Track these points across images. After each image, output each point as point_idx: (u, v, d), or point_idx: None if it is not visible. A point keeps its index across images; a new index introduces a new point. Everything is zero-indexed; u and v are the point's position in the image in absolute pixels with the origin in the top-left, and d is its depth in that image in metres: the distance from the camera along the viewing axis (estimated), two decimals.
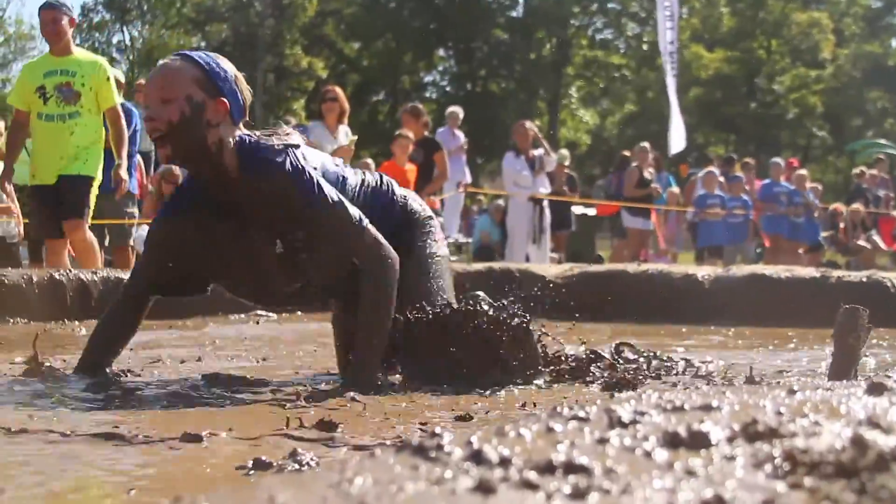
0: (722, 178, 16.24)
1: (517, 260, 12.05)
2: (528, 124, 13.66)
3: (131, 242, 9.70)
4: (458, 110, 15.94)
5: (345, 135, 10.91)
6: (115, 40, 48.57)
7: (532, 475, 1.24)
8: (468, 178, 15.90)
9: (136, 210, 9.74)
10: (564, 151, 17.19)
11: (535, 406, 3.19)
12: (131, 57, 47.72)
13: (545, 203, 13.35)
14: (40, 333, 4.13)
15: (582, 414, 1.56)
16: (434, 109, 45.65)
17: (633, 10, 46.58)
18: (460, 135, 15.58)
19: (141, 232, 10.21)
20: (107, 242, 9.60)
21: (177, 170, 11.53)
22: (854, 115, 47.62)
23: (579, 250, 16.72)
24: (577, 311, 7.86)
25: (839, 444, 1.36)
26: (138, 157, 10.29)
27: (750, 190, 16.95)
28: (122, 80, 10.02)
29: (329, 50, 46.06)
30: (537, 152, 13.23)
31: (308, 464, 2.11)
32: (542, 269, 8.64)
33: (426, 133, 12.60)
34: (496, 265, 9.09)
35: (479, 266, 9.05)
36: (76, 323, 6.45)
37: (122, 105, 9.73)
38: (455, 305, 3.71)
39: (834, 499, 1.20)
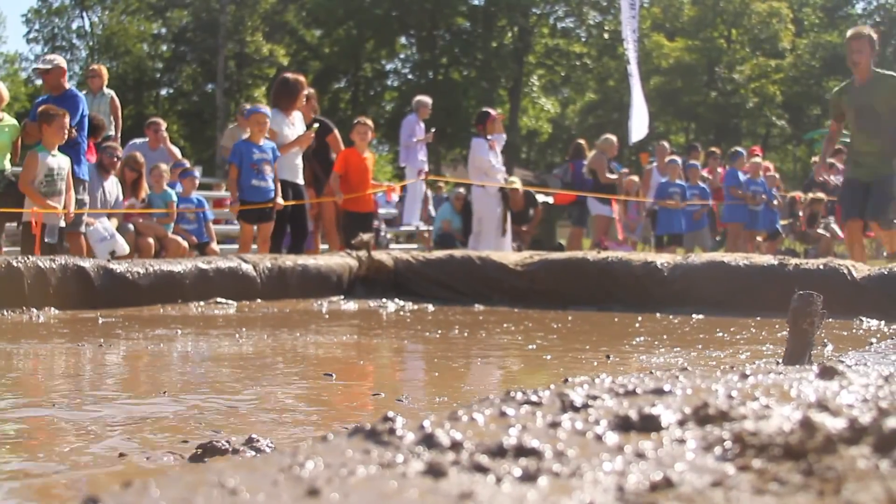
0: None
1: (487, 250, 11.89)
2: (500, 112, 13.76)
3: (82, 229, 9.59)
4: (427, 100, 15.81)
5: (300, 121, 10.78)
6: (74, 26, 48.18)
7: (483, 458, 1.25)
8: (426, 168, 15.83)
9: (86, 197, 9.61)
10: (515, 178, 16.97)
11: None
12: (91, 43, 47.29)
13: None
14: None
15: (535, 398, 1.57)
16: (396, 97, 45.56)
17: None
18: (423, 127, 15.50)
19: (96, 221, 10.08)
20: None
21: (140, 157, 11.40)
22: (813, 105, 48.07)
23: (540, 239, 16.75)
24: (537, 299, 7.90)
25: (788, 427, 1.38)
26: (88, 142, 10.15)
27: (712, 179, 17.06)
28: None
29: (290, 37, 45.82)
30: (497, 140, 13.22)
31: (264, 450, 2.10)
32: (503, 256, 8.65)
33: (314, 115, 11.70)
34: (457, 253, 9.10)
35: (439, 254, 9.06)
36: (34, 311, 6.39)
37: (69, 91, 9.62)
38: None
39: (781, 480, 1.21)
